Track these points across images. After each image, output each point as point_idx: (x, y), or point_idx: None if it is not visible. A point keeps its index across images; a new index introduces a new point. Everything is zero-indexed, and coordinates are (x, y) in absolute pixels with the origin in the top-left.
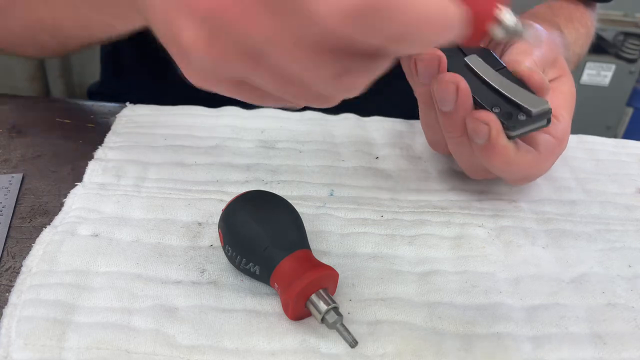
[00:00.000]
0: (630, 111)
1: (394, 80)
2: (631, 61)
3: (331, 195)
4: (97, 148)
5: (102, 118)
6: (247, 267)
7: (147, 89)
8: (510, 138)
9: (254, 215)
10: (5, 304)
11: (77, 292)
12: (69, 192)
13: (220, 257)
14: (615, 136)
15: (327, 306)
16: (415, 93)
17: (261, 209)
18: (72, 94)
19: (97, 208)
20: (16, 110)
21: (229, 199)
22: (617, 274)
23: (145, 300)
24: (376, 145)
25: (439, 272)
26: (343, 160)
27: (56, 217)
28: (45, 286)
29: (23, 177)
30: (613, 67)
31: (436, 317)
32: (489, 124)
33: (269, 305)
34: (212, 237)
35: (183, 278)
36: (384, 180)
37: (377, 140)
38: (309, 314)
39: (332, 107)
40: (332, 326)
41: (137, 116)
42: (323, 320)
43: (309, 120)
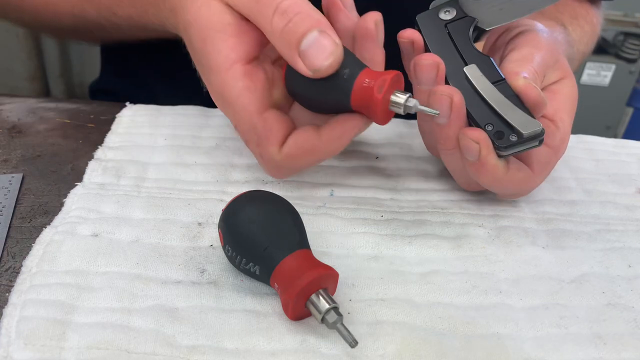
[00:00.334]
0: (630, 111)
1: None
2: (631, 61)
3: (331, 195)
4: (97, 148)
5: (102, 118)
6: (247, 267)
7: (148, 84)
8: (500, 157)
9: (254, 215)
10: (5, 304)
11: (77, 292)
12: (69, 192)
13: (220, 257)
14: (615, 136)
15: (327, 306)
16: (414, 94)
17: (261, 209)
18: (72, 94)
19: (97, 208)
20: (16, 110)
21: (229, 199)
22: (617, 274)
23: (145, 300)
24: (376, 145)
25: (439, 272)
26: (343, 160)
27: (56, 217)
28: (45, 286)
29: (23, 177)
30: (613, 67)
31: (436, 317)
32: (479, 143)
33: (269, 305)
34: (212, 237)
35: (183, 278)
36: (384, 180)
37: (377, 140)
38: (309, 314)
39: None
40: (332, 326)
41: (137, 116)
42: (323, 320)
43: None
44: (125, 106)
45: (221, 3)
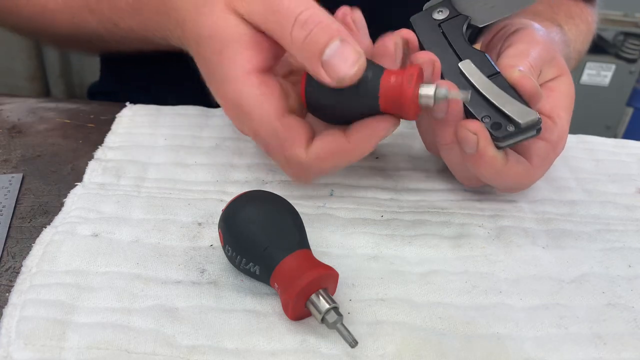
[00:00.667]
0: (630, 111)
1: None
2: (631, 61)
3: (331, 195)
4: (97, 148)
5: (102, 118)
6: (247, 267)
7: (147, 88)
8: (499, 148)
9: (254, 215)
10: (5, 304)
11: (77, 292)
12: (69, 192)
13: (220, 257)
14: (615, 136)
15: (327, 306)
16: None
17: (261, 209)
18: (72, 94)
19: (97, 208)
20: (16, 110)
21: (229, 199)
22: (617, 274)
23: (145, 300)
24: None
25: (439, 272)
26: None
27: (56, 217)
28: (45, 286)
29: (23, 177)
30: (613, 67)
31: (436, 317)
32: (477, 134)
33: (269, 305)
34: (212, 237)
35: (183, 278)
36: (384, 180)
37: None
38: (309, 314)
39: None
40: (332, 326)
41: (137, 116)
42: (323, 320)
43: None
44: (125, 106)
45: (236, 16)
